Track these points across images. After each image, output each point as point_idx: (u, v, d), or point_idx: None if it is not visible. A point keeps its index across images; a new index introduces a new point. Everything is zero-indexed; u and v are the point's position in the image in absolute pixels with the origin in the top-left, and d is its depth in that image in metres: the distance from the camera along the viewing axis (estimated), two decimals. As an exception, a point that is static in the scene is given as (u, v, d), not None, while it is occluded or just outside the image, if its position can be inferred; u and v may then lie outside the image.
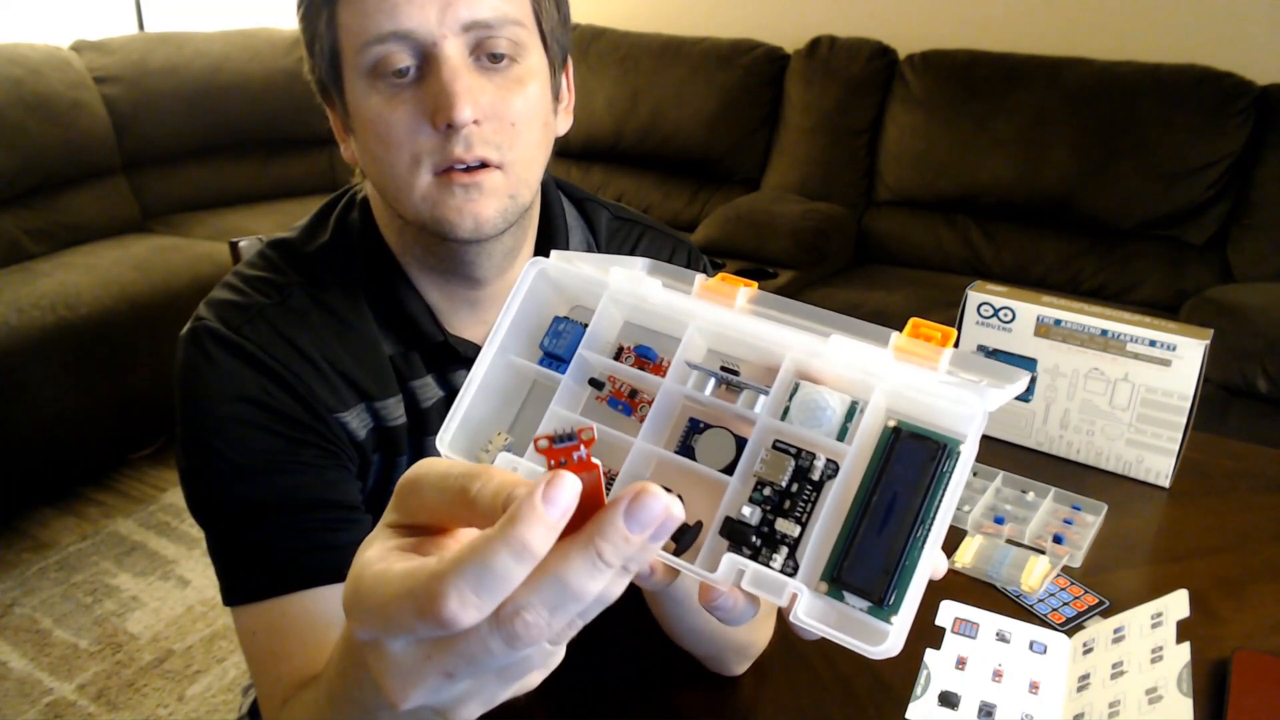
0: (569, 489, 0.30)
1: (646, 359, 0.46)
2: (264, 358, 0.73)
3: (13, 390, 2.13)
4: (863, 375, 0.41)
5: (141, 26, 3.24)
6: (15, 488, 2.24)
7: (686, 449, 0.44)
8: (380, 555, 0.34)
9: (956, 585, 0.79)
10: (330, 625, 0.70)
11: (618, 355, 0.47)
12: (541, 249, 0.85)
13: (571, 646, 0.71)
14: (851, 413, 0.41)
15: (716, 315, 0.44)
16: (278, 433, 0.72)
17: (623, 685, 0.68)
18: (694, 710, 0.65)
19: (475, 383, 0.45)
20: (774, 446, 0.42)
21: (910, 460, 0.40)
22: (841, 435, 0.41)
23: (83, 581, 2.08)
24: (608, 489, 0.43)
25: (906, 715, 0.64)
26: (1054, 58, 2.56)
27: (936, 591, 0.76)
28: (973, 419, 0.38)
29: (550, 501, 0.30)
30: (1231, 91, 2.36)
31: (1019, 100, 2.55)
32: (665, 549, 0.43)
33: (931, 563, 0.38)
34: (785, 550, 0.40)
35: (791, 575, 0.40)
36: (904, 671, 0.67)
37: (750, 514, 0.41)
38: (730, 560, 0.40)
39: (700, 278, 0.52)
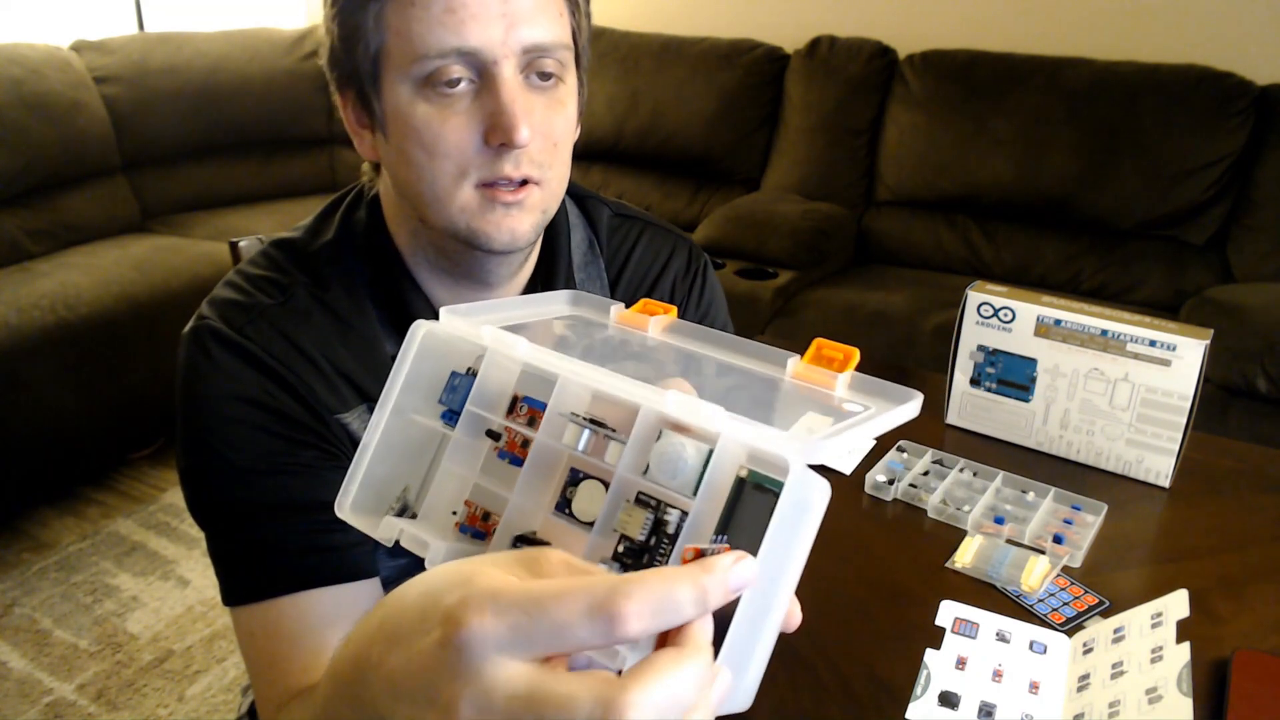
0: (748, 573, 0.34)
1: (537, 409, 0.46)
2: (265, 358, 0.73)
3: (13, 390, 2.13)
4: (712, 426, 0.40)
5: (141, 26, 3.24)
6: (15, 488, 2.24)
7: (565, 501, 0.44)
8: (508, 576, 0.34)
9: (956, 585, 0.79)
10: (328, 627, 0.70)
11: (513, 405, 0.47)
12: (545, 247, 0.86)
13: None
14: (710, 462, 0.40)
15: (576, 371, 0.43)
16: (278, 434, 0.72)
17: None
18: (694, 710, 0.65)
19: (371, 446, 0.46)
20: (635, 500, 0.41)
21: (752, 511, 0.38)
22: (700, 483, 0.40)
23: (83, 581, 2.08)
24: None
25: (906, 715, 0.64)
26: (1054, 58, 2.56)
27: (936, 591, 0.77)
28: (789, 470, 0.36)
29: (735, 574, 0.34)
30: (1231, 91, 2.36)
31: (1019, 100, 2.55)
32: None
33: (774, 615, 0.36)
34: None
35: None
36: (904, 671, 0.67)
37: (607, 570, 0.40)
38: None
39: (617, 308, 0.52)
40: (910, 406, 0.42)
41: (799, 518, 0.36)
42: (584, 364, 0.43)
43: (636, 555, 0.41)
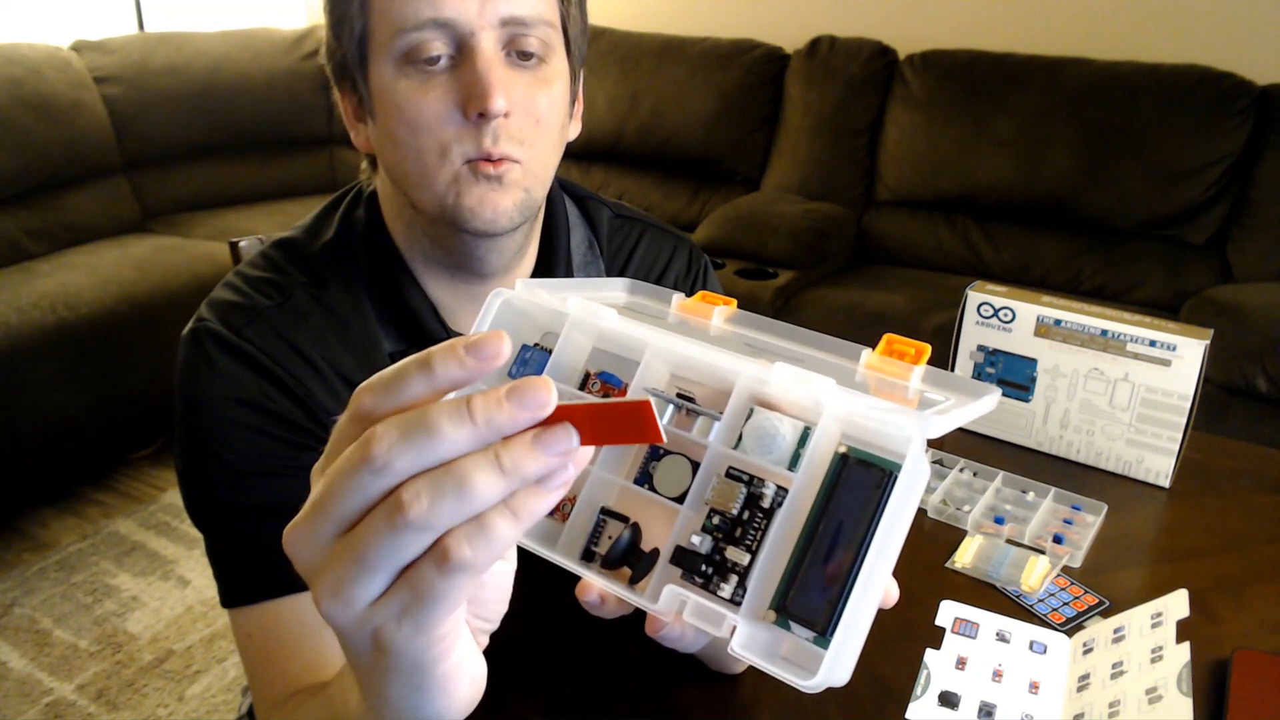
0: (495, 345, 0.33)
1: (611, 385, 0.46)
2: (264, 360, 0.73)
3: (13, 390, 2.13)
4: (812, 401, 0.40)
5: (141, 26, 3.24)
6: (15, 488, 2.24)
7: (645, 475, 0.44)
8: None
9: (956, 585, 0.79)
10: (325, 629, 0.70)
11: (585, 381, 0.47)
12: (544, 246, 0.86)
13: (571, 645, 0.71)
14: (805, 439, 0.40)
15: (670, 343, 0.43)
16: (276, 436, 0.72)
17: (622, 684, 0.68)
18: (694, 710, 0.65)
19: None
20: (727, 474, 0.41)
21: (857, 487, 0.39)
22: (795, 461, 0.40)
23: (83, 581, 2.08)
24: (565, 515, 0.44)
25: (906, 715, 0.64)
26: (1054, 58, 2.56)
27: (936, 591, 0.77)
28: (909, 443, 0.36)
29: (515, 394, 0.32)
30: (1231, 91, 2.36)
31: (1019, 100, 2.55)
32: (619, 577, 0.43)
33: (877, 591, 0.36)
34: (735, 579, 0.40)
35: (739, 604, 0.39)
36: (904, 671, 0.67)
37: (700, 543, 0.41)
38: (671, 591, 0.40)
39: (678, 297, 0.52)
40: (991, 399, 0.42)
41: (908, 493, 0.37)
42: (674, 336, 0.43)
43: (729, 529, 0.41)
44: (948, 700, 0.64)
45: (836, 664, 0.36)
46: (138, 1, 3.23)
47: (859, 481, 0.39)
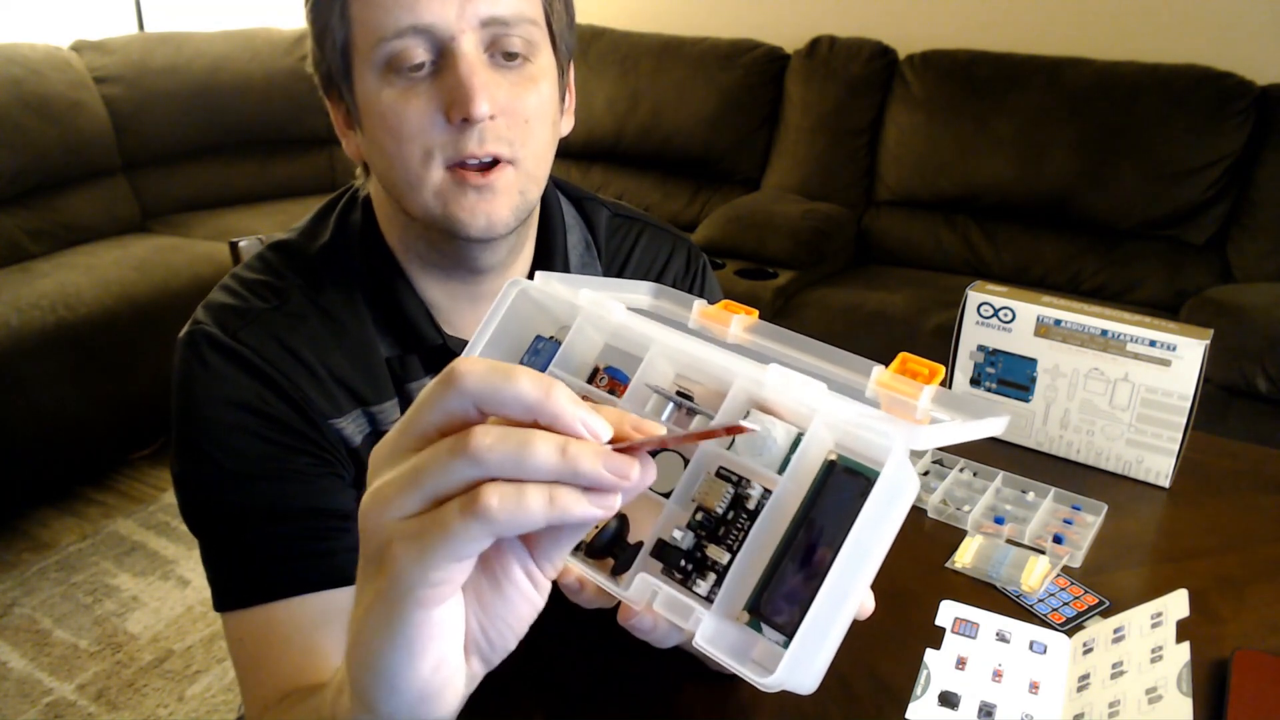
0: (601, 422, 0.36)
1: (618, 380, 0.46)
2: (260, 364, 0.72)
3: (13, 390, 2.13)
4: (806, 407, 0.40)
5: (141, 26, 3.24)
6: (15, 488, 2.24)
7: None
8: None
9: (956, 585, 0.79)
10: (318, 630, 0.70)
11: (593, 376, 0.47)
12: (541, 245, 0.85)
13: (572, 644, 0.71)
14: (798, 444, 0.40)
15: (675, 340, 0.43)
16: (272, 440, 0.72)
17: (622, 684, 0.68)
18: (694, 710, 0.65)
19: None
20: (717, 473, 0.42)
21: (841, 494, 0.38)
22: (787, 466, 0.40)
23: (83, 581, 2.08)
24: None
25: (906, 715, 0.64)
26: (1054, 58, 2.56)
27: (936, 591, 0.77)
28: (890, 452, 0.36)
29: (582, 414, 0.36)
30: (1231, 91, 2.36)
31: (1019, 100, 2.55)
32: (600, 566, 0.43)
33: (851, 600, 0.36)
34: (713, 576, 0.40)
35: (713, 601, 0.39)
36: (904, 671, 0.67)
37: (682, 538, 0.41)
38: (644, 580, 0.40)
39: (699, 303, 0.52)
40: (996, 422, 0.40)
41: (891, 503, 0.36)
42: (679, 334, 0.44)
43: (712, 527, 0.41)
44: (948, 700, 0.64)
45: (797, 667, 0.35)
46: (138, 1, 3.23)
47: (843, 489, 0.39)
